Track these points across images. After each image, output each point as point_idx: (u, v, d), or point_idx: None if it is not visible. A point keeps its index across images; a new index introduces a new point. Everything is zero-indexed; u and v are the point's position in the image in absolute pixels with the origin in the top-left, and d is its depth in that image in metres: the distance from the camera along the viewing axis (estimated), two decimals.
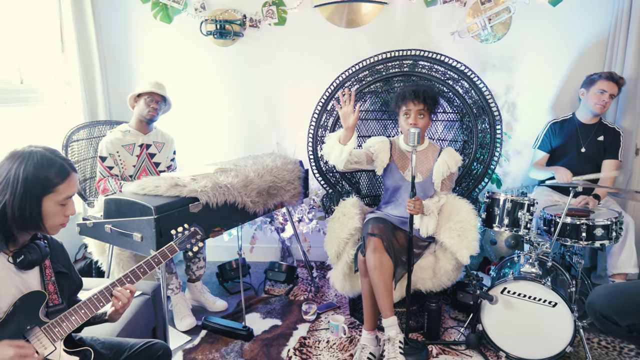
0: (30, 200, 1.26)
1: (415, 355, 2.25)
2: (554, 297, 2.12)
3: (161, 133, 2.85)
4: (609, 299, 1.75)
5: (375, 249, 2.19)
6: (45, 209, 1.30)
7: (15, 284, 1.31)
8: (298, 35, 3.26)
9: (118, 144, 2.66)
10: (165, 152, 2.83)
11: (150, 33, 3.30)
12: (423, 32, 3.19)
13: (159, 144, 2.80)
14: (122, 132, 2.71)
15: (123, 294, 1.43)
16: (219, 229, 2.23)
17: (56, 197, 1.30)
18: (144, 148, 2.74)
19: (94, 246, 2.59)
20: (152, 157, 2.77)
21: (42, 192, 1.28)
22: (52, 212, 1.31)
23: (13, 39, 2.69)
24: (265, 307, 2.83)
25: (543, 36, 3.11)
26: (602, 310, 1.73)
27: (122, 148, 2.67)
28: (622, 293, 1.79)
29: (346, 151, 2.38)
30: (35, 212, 1.28)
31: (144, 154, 2.74)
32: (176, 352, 2.34)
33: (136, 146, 2.71)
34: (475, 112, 2.68)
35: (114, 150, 2.65)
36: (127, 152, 2.69)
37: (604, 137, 2.82)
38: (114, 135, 2.69)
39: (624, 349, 2.34)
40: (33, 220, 1.28)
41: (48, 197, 1.29)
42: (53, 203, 1.30)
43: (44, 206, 1.29)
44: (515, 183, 3.34)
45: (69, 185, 1.33)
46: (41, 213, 1.29)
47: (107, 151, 2.64)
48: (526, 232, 2.36)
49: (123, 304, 1.43)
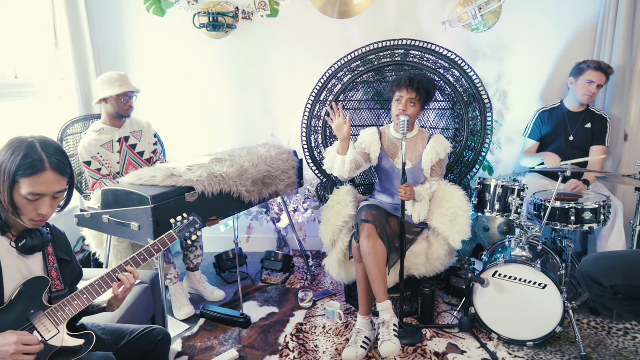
0: (3, 189, 1.25)
1: (410, 338, 2.31)
2: (544, 279, 2.18)
3: (135, 121, 2.80)
4: (596, 261, 1.84)
5: (369, 236, 2.23)
6: (15, 200, 1.27)
7: (20, 269, 1.34)
8: (291, 27, 3.28)
9: (96, 145, 2.60)
10: (146, 139, 2.81)
11: (143, 26, 3.31)
12: (415, 22, 3.22)
13: (136, 133, 2.77)
14: (96, 132, 2.64)
15: (128, 278, 1.47)
16: (215, 217, 2.26)
17: (20, 190, 1.26)
18: (122, 142, 2.69)
19: (92, 238, 2.62)
20: (134, 148, 2.74)
21: (11, 182, 1.25)
22: (21, 205, 1.28)
23: (7, 34, 2.70)
24: (262, 295, 2.88)
25: (533, 25, 3.15)
26: (589, 271, 1.80)
27: (101, 148, 2.61)
28: (608, 257, 1.89)
29: (348, 161, 2.43)
30: (7, 200, 1.26)
31: (125, 148, 2.70)
32: (175, 340, 2.38)
33: (114, 142, 2.66)
34: (466, 100, 2.72)
35: (95, 153, 2.59)
36: (108, 151, 2.63)
37: (592, 124, 2.87)
38: (89, 137, 2.62)
39: (612, 329, 2.41)
40: (7, 208, 1.27)
41: (15, 188, 1.26)
42: (19, 195, 1.27)
43: (14, 196, 1.27)
44: (507, 170, 3.39)
45: (35, 181, 1.26)
46: (14, 203, 1.27)
47: (88, 155, 2.58)
48: (517, 217, 2.41)
49: (126, 288, 1.47)
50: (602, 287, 1.77)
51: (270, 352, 2.28)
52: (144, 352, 1.57)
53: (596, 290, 1.80)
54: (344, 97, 2.91)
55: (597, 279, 1.78)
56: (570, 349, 2.24)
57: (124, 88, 2.59)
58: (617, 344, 2.29)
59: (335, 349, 2.28)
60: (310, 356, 2.24)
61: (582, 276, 1.85)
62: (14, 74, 2.76)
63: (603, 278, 1.76)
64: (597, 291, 1.81)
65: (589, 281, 1.81)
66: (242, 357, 2.24)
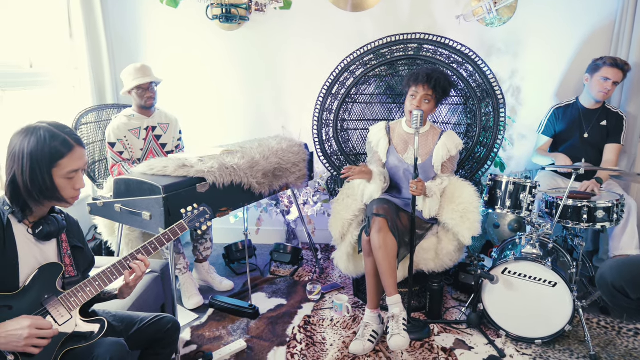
0: (41, 174, 1.30)
1: (417, 333, 2.31)
2: (554, 277, 2.16)
3: (165, 114, 2.87)
4: (622, 270, 1.74)
5: (380, 229, 2.23)
6: (56, 182, 1.33)
7: (35, 255, 1.37)
8: (303, 19, 3.27)
9: (124, 128, 2.69)
10: (171, 133, 2.87)
11: (156, 17, 3.32)
12: (428, 16, 3.19)
13: (163, 125, 2.83)
14: (127, 116, 2.73)
15: (139, 266, 1.49)
16: (226, 209, 2.28)
17: (60, 171, 1.32)
18: (149, 130, 2.77)
19: (104, 227, 2.65)
20: (159, 139, 2.80)
21: (49, 166, 1.31)
22: (62, 185, 1.34)
23: (22, 24, 2.73)
24: (270, 287, 2.90)
25: (549, 20, 3.10)
26: (614, 281, 1.71)
27: (128, 132, 2.70)
28: (633, 265, 1.78)
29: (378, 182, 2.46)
30: (49, 183, 1.31)
31: (150, 137, 2.77)
32: (184, 329, 2.41)
33: (142, 129, 2.74)
34: (479, 95, 2.70)
35: (122, 135, 2.68)
36: (134, 136, 2.72)
37: (607, 121, 2.82)
38: (119, 120, 2.71)
39: (622, 329, 2.38)
40: (50, 191, 1.33)
41: (54, 171, 1.32)
42: (59, 177, 1.33)
43: (55, 179, 1.32)
44: (519, 167, 3.36)
45: (71, 159, 1.34)
46: (54, 184, 1.33)
47: (115, 137, 2.67)
48: (528, 214, 2.39)
49: (137, 276, 1.49)
50: (628, 299, 1.69)
51: (278, 343, 2.29)
52: (153, 339, 1.59)
53: (621, 301, 1.72)
54: (356, 90, 2.90)
55: (623, 290, 1.69)
56: (579, 348, 2.23)
57: (137, 81, 2.65)
58: (627, 344, 2.27)
59: (343, 342, 2.29)
60: (318, 348, 2.25)
61: (605, 285, 1.75)
62: (29, 63, 2.78)
63: (630, 289, 1.67)
64: (622, 302, 1.73)
65: (615, 292, 1.72)
66: (250, 347, 2.26)
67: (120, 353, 1.37)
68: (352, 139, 2.98)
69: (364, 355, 2.19)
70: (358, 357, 2.18)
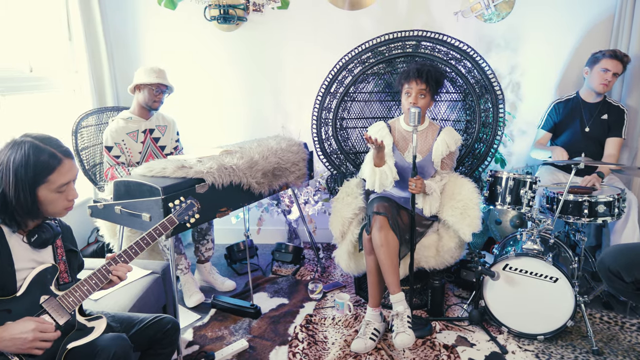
0: (23, 191, 1.28)
1: (419, 330, 2.31)
2: (555, 272, 2.15)
3: (162, 116, 2.88)
4: (618, 255, 1.80)
5: (381, 227, 2.22)
6: (42, 198, 1.31)
7: (31, 259, 1.38)
8: (301, 19, 3.27)
9: (122, 132, 2.69)
10: (169, 134, 2.87)
11: (154, 19, 3.34)
12: (426, 13, 3.18)
13: (161, 127, 2.84)
14: (124, 119, 2.73)
15: (119, 271, 1.48)
16: (225, 209, 2.28)
17: (50, 186, 1.31)
18: (147, 133, 2.77)
19: (106, 229, 2.66)
20: (157, 142, 2.81)
21: (34, 183, 1.28)
22: (49, 200, 1.32)
23: (22, 28, 2.74)
24: (272, 286, 2.90)
25: (547, 15, 3.09)
26: (611, 266, 1.77)
27: (126, 136, 2.70)
28: (630, 250, 1.84)
29: (391, 168, 2.40)
30: (30, 201, 1.29)
31: (149, 139, 2.78)
32: (187, 329, 2.41)
33: (140, 132, 2.74)
34: (478, 91, 2.69)
35: (119, 139, 2.68)
36: (132, 140, 2.72)
37: (608, 115, 2.81)
38: (117, 123, 2.70)
39: (625, 324, 2.37)
40: (30, 208, 1.31)
41: (42, 188, 1.30)
42: (48, 192, 1.31)
43: (39, 195, 1.30)
44: (519, 163, 3.35)
45: (60, 173, 1.32)
46: (37, 202, 1.31)
47: (112, 140, 2.67)
48: (528, 210, 2.38)
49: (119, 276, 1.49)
50: (623, 282, 1.74)
51: (280, 343, 2.29)
52: (153, 340, 1.59)
53: (617, 284, 1.78)
54: (354, 88, 2.90)
55: (618, 274, 1.74)
56: (582, 343, 2.22)
57: (159, 79, 2.67)
58: (630, 339, 2.26)
59: (344, 340, 2.29)
60: (319, 347, 2.25)
61: (603, 269, 1.81)
62: (29, 68, 2.80)
63: (625, 273, 1.72)
64: (618, 285, 1.78)
65: (610, 275, 1.78)
66: (252, 347, 2.27)
67: (124, 347, 1.38)
68: (351, 137, 2.98)
69: (365, 353, 2.19)
70: (360, 356, 2.18)
